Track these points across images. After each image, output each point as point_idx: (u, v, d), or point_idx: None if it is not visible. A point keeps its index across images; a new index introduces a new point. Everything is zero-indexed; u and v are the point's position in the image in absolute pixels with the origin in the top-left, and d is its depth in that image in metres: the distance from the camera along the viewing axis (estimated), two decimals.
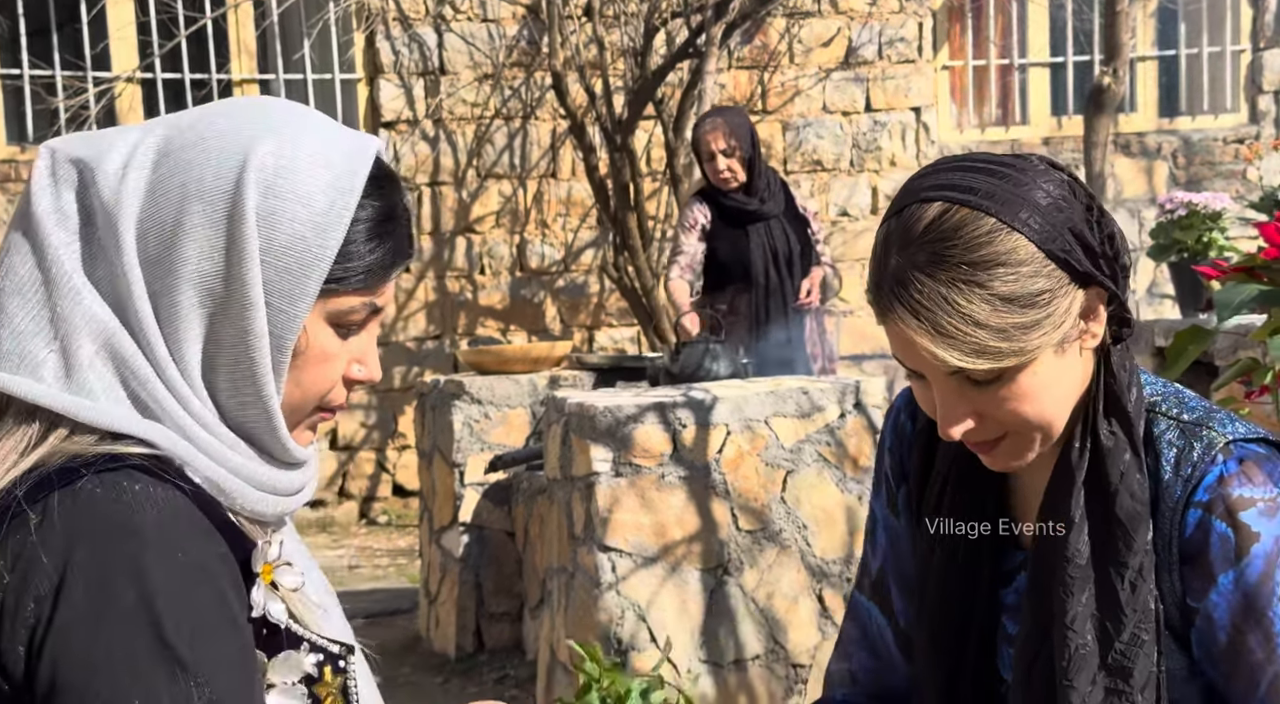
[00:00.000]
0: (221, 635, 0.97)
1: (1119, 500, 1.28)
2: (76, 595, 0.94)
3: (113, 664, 0.93)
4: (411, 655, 4.91)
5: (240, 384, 1.04)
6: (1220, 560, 1.25)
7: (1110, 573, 1.28)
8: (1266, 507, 1.25)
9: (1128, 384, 1.31)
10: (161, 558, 0.95)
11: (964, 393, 1.24)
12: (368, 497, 7.63)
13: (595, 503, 3.78)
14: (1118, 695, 1.26)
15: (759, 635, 3.82)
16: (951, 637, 1.38)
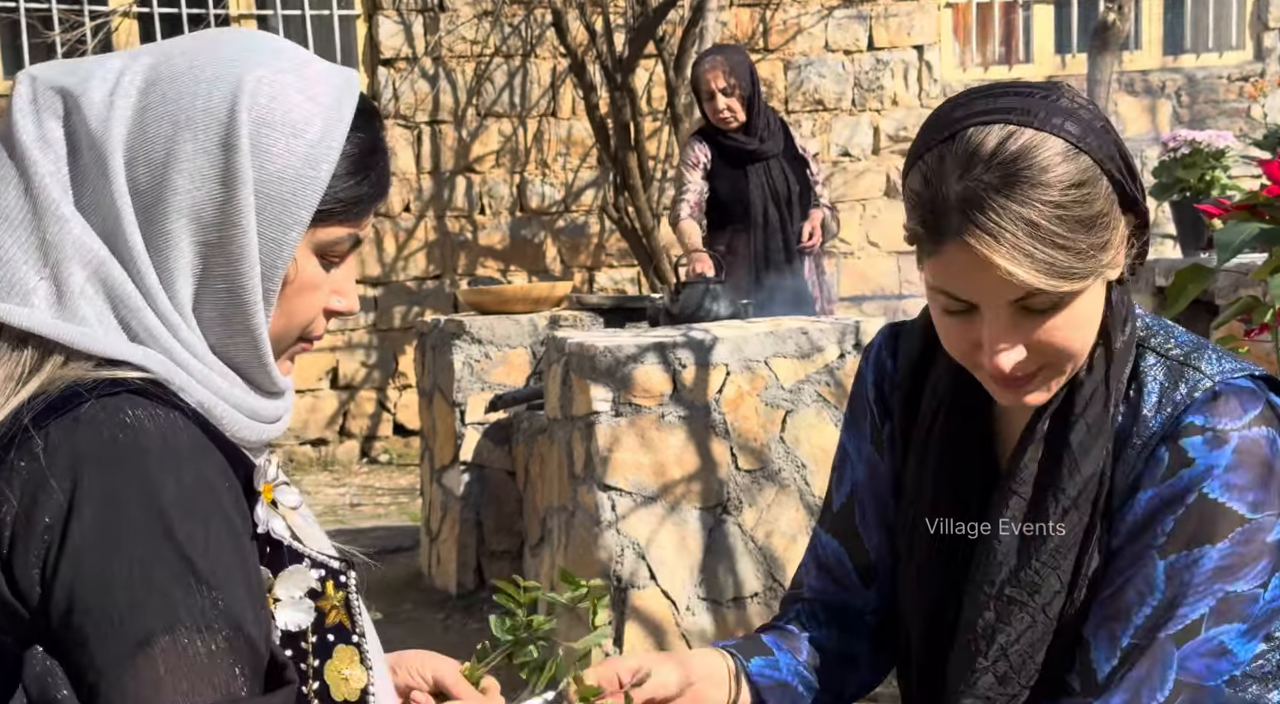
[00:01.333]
0: (230, 549, 0.99)
1: (1074, 430, 1.29)
2: (87, 517, 0.95)
3: (129, 579, 0.94)
4: (413, 592, 4.95)
5: (229, 313, 1.05)
6: (1147, 478, 1.27)
7: (1047, 497, 1.30)
8: (1214, 436, 1.25)
9: (1122, 320, 1.31)
10: (169, 475, 0.97)
11: (1018, 323, 1.23)
12: (369, 435, 7.65)
13: (595, 442, 3.80)
14: (1019, 606, 1.30)
15: (757, 573, 3.86)
16: (938, 571, 1.39)
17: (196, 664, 0.94)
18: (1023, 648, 1.30)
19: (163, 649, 0.94)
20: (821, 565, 1.51)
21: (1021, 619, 1.30)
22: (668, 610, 3.78)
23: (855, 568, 1.48)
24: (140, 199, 1.03)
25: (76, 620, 0.94)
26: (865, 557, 1.48)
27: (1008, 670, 1.30)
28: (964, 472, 1.38)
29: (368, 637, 1.10)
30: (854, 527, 1.48)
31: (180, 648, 0.94)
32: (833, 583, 1.50)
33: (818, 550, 1.51)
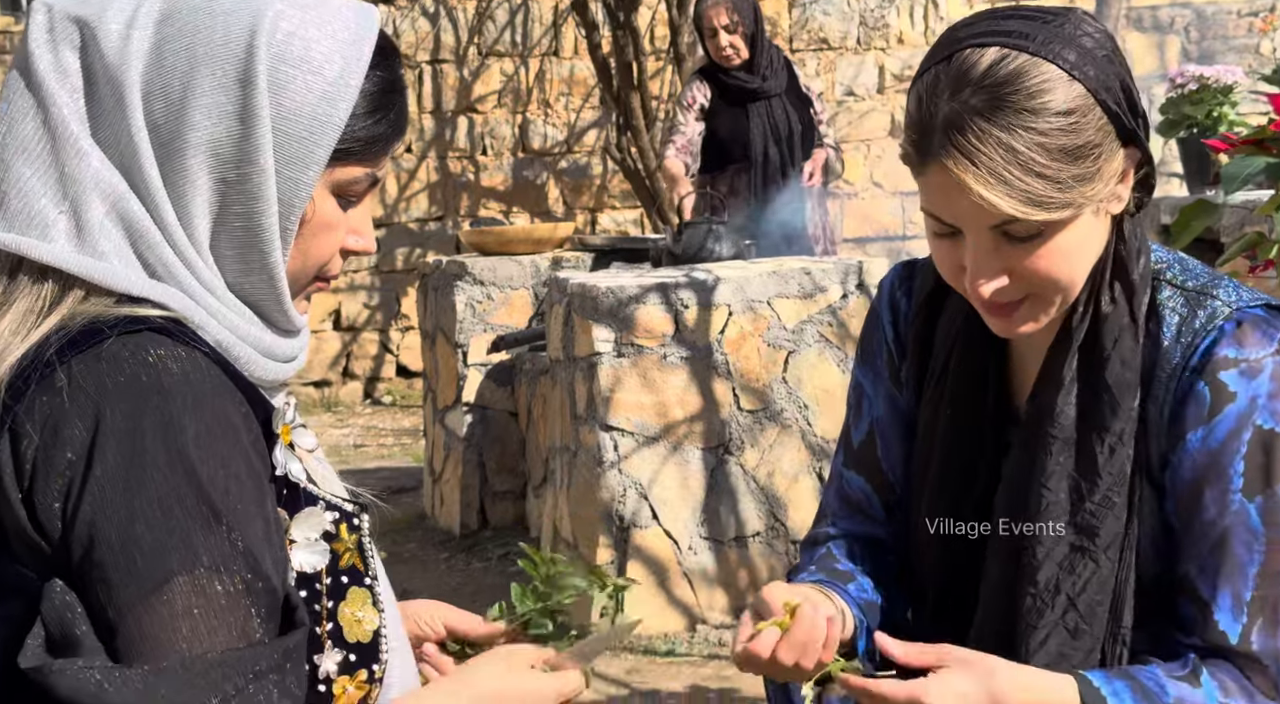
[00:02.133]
0: (251, 491, 0.99)
1: (1110, 366, 1.28)
2: (110, 454, 0.95)
3: (149, 519, 0.94)
4: (416, 532, 4.98)
5: (247, 251, 1.05)
6: (1193, 418, 1.27)
7: (1091, 436, 1.29)
8: (1248, 367, 1.26)
9: (1136, 252, 1.30)
10: (190, 415, 0.97)
11: (1000, 249, 1.23)
12: (372, 377, 7.67)
13: (597, 383, 3.80)
14: (1081, 552, 1.29)
15: (759, 513, 3.87)
16: (951, 504, 1.39)
17: (214, 605, 0.95)
18: (1090, 596, 1.28)
19: (181, 589, 0.94)
20: (849, 502, 1.49)
21: (1085, 566, 1.28)
22: (670, 550, 3.80)
23: (882, 503, 1.47)
24: (157, 134, 1.02)
25: (97, 558, 0.94)
26: (890, 492, 1.47)
27: (1078, 623, 1.28)
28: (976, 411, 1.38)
29: (379, 580, 1.10)
30: (876, 461, 1.47)
31: (198, 588, 0.94)
32: (862, 518, 1.48)
33: (844, 488, 1.49)
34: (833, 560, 1.45)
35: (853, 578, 1.41)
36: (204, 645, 0.93)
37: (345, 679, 1.05)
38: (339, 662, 1.05)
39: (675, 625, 3.77)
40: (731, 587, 3.84)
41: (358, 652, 1.06)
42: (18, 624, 0.96)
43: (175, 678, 0.92)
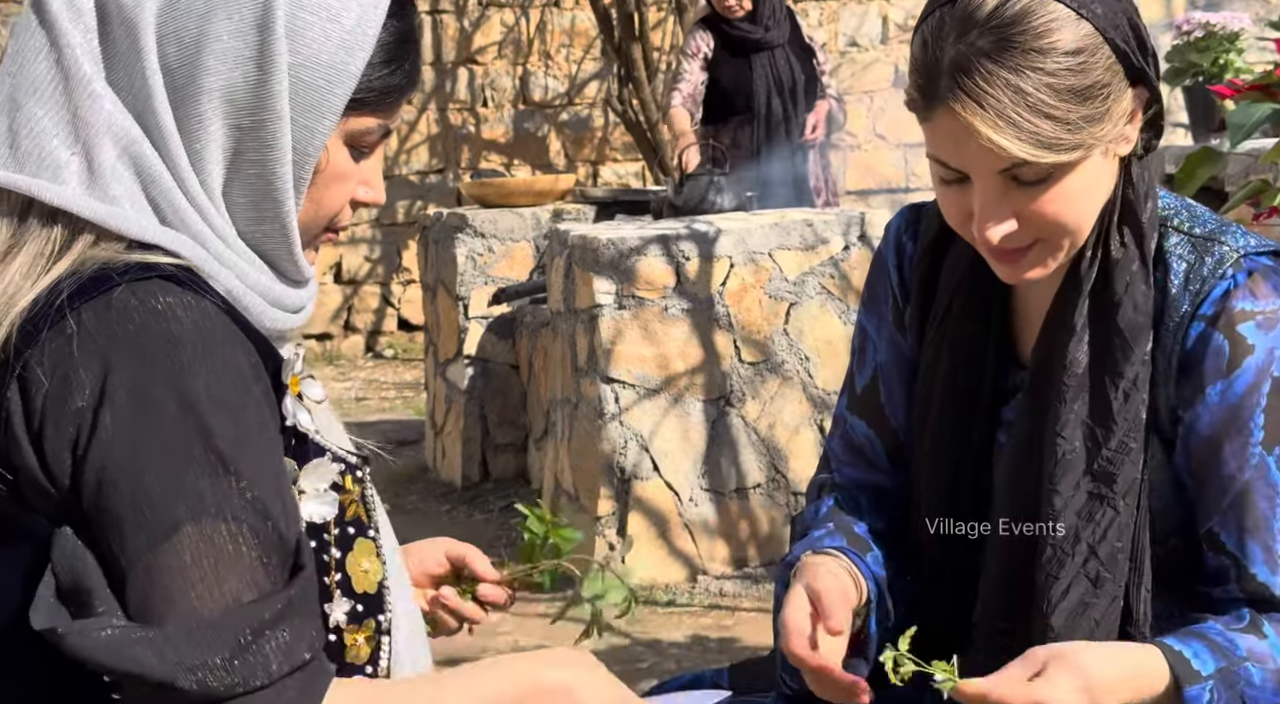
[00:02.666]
0: (260, 441, 0.99)
1: (1121, 311, 1.27)
2: (119, 403, 0.95)
3: (159, 468, 0.95)
4: (418, 484, 5.00)
5: (260, 200, 1.04)
6: (1212, 372, 1.26)
7: (1105, 382, 1.28)
8: (1265, 319, 1.25)
9: (1144, 195, 1.29)
10: (200, 365, 0.96)
11: (1008, 194, 1.21)
12: (373, 330, 7.66)
13: (598, 335, 3.79)
14: (1100, 500, 1.28)
15: (760, 464, 3.88)
16: (950, 453, 1.39)
17: (223, 554, 0.95)
18: (1111, 543, 1.27)
19: (190, 538, 0.94)
20: (853, 447, 1.48)
21: (1105, 513, 1.27)
22: (671, 501, 3.81)
23: (885, 449, 1.46)
24: (171, 78, 1.01)
25: (106, 506, 0.94)
26: (893, 438, 1.45)
27: (1100, 571, 1.27)
28: (979, 359, 1.37)
29: (382, 531, 1.10)
30: (879, 406, 1.46)
31: (207, 537, 0.94)
32: (866, 465, 1.47)
33: (848, 432, 1.48)
34: (845, 517, 1.42)
35: (870, 548, 1.38)
36: (213, 595, 0.94)
37: (354, 629, 1.06)
38: (347, 611, 1.06)
39: (676, 576, 3.79)
40: (732, 538, 3.85)
41: (364, 602, 1.07)
42: (27, 568, 0.97)
43: (185, 637, 0.93)
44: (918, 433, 1.42)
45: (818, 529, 1.40)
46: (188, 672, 0.92)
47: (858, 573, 1.34)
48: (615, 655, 3.23)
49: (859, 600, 1.31)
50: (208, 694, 0.92)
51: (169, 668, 0.91)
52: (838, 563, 1.33)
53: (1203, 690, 1.18)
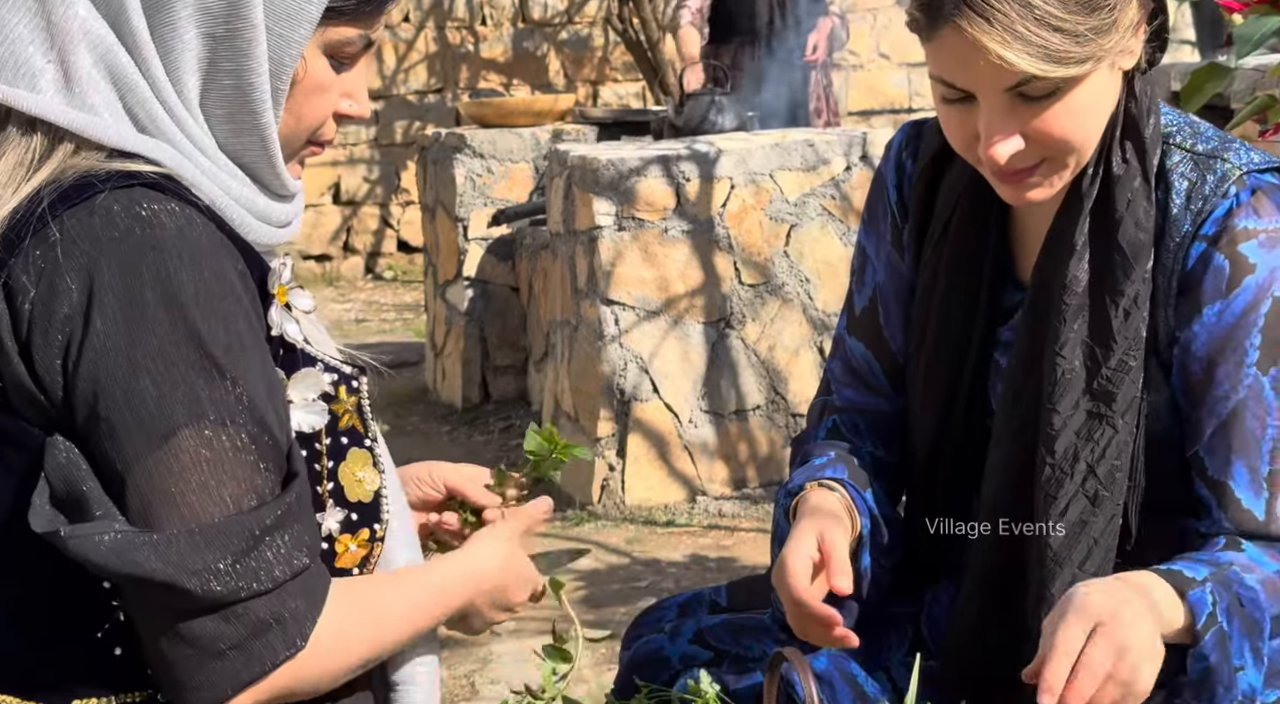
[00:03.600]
0: (252, 347, 0.99)
1: (1123, 228, 1.26)
2: (108, 310, 0.95)
3: (153, 373, 0.95)
4: (419, 406, 5.01)
5: (237, 111, 1.03)
6: (1211, 292, 1.25)
7: (1105, 301, 1.27)
8: (1268, 237, 1.24)
9: (1147, 111, 1.27)
10: (188, 271, 0.96)
11: (1014, 111, 1.20)
12: (373, 252, 7.64)
13: (598, 257, 3.78)
14: (1099, 419, 1.27)
15: (760, 386, 3.88)
16: (946, 372, 1.38)
17: (221, 458, 0.95)
18: (1109, 462, 1.26)
19: (188, 442, 0.95)
20: (851, 369, 1.47)
21: (1103, 432, 1.26)
22: (670, 423, 3.82)
23: (885, 371, 1.45)
24: None
25: (101, 414, 0.95)
26: (892, 360, 1.45)
27: (1099, 490, 1.27)
28: (976, 279, 1.36)
29: (379, 442, 1.11)
30: (878, 328, 1.45)
31: (204, 441, 0.95)
32: (865, 388, 1.46)
33: (846, 354, 1.47)
34: (846, 444, 1.42)
35: (869, 483, 1.38)
36: (214, 499, 0.94)
37: (347, 537, 1.06)
38: (340, 520, 1.06)
39: (675, 497, 3.81)
40: (731, 459, 3.87)
41: (359, 511, 1.07)
42: (21, 476, 0.97)
43: (187, 541, 0.94)
44: (914, 354, 1.41)
45: (819, 457, 1.40)
46: (191, 575, 0.93)
47: (854, 508, 1.34)
48: (615, 575, 3.26)
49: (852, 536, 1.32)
50: (211, 597, 0.94)
51: (172, 571, 0.92)
52: (838, 499, 1.33)
53: (1204, 592, 1.17)
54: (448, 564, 1.15)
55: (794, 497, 1.35)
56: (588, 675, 2.63)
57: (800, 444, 1.47)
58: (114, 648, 0.99)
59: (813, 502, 1.32)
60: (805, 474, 1.37)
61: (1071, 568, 1.27)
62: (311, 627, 0.98)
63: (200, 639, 0.94)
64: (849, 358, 1.47)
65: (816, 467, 1.38)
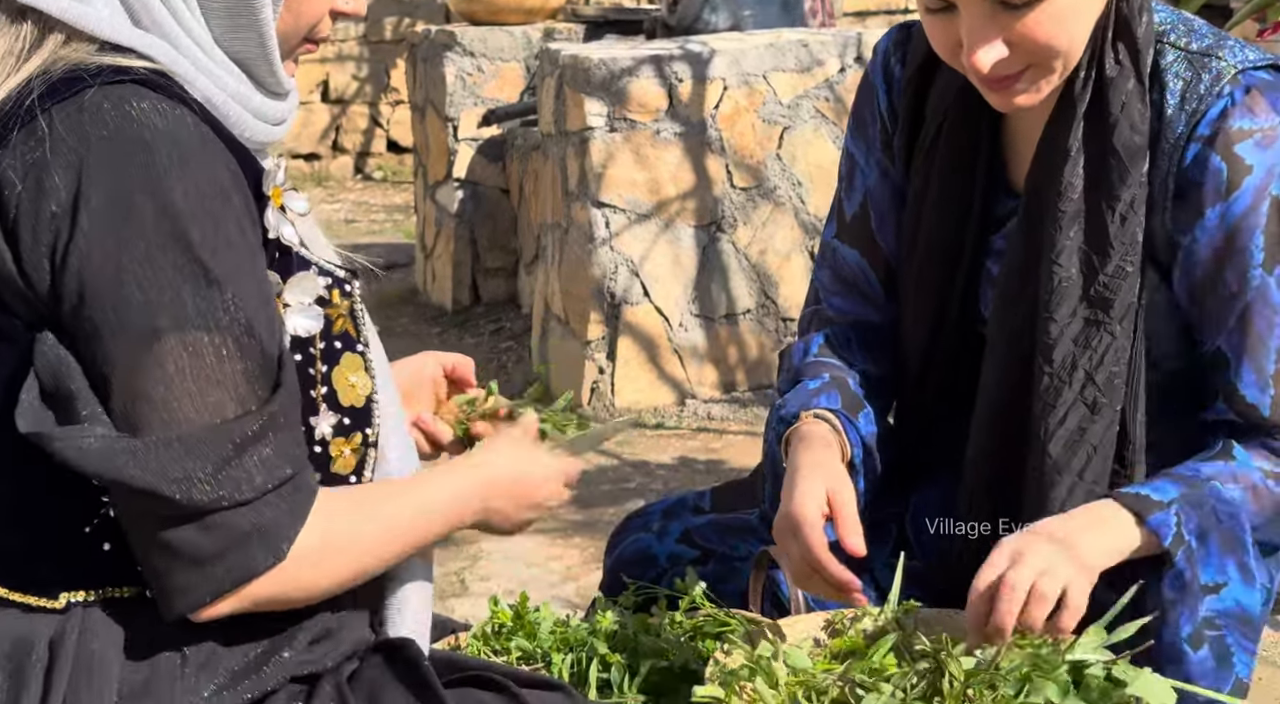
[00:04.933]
0: (242, 251, 0.98)
1: (1118, 131, 1.25)
2: (96, 209, 0.94)
3: (140, 276, 0.94)
4: (409, 307, 5.01)
5: (236, 7, 1.01)
6: (1210, 195, 1.24)
7: (1101, 206, 1.27)
8: (1264, 137, 1.23)
9: (1139, 9, 1.25)
10: (178, 172, 0.95)
11: (995, 18, 1.19)
12: (362, 151, 7.57)
13: (589, 158, 3.75)
14: (1096, 326, 1.27)
15: (750, 290, 3.88)
16: (938, 280, 1.38)
17: (206, 366, 0.95)
18: (1108, 369, 1.27)
19: (172, 348, 0.94)
20: (842, 278, 1.45)
21: (1101, 339, 1.27)
22: (661, 327, 3.83)
23: (879, 278, 1.44)
24: None
25: (87, 314, 0.94)
26: (886, 266, 1.44)
27: (1097, 397, 1.27)
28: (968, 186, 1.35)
29: (371, 347, 1.10)
30: (870, 233, 1.44)
31: (189, 347, 0.95)
32: (857, 297, 1.45)
33: (836, 263, 1.46)
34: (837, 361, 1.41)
35: (862, 406, 1.38)
36: (196, 406, 0.94)
37: (341, 441, 1.07)
38: (334, 424, 1.06)
39: (665, 400, 3.83)
40: (721, 363, 3.88)
41: (351, 415, 1.07)
42: (10, 370, 0.97)
43: (168, 449, 0.94)
44: (904, 262, 1.41)
45: (812, 379, 1.39)
46: (171, 483, 0.93)
47: (845, 440, 1.34)
48: (604, 476, 3.29)
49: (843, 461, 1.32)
50: (192, 505, 0.94)
51: (152, 478, 0.93)
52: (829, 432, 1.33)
53: (1167, 515, 1.19)
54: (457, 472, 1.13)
55: (788, 424, 1.35)
56: (576, 574, 2.66)
57: (789, 358, 1.47)
58: (102, 543, 1.00)
59: (808, 438, 1.31)
60: (799, 401, 1.36)
61: (1071, 476, 1.27)
62: (293, 538, 0.98)
63: (179, 547, 0.95)
64: (840, 266, 1.46)
65: (810, 391, 1.37)
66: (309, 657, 1.04)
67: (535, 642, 1.39)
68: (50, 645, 0.98)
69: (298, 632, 1.04)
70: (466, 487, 1.11)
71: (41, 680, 0.97)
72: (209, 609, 0.96)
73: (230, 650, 1.01)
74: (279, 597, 0.99)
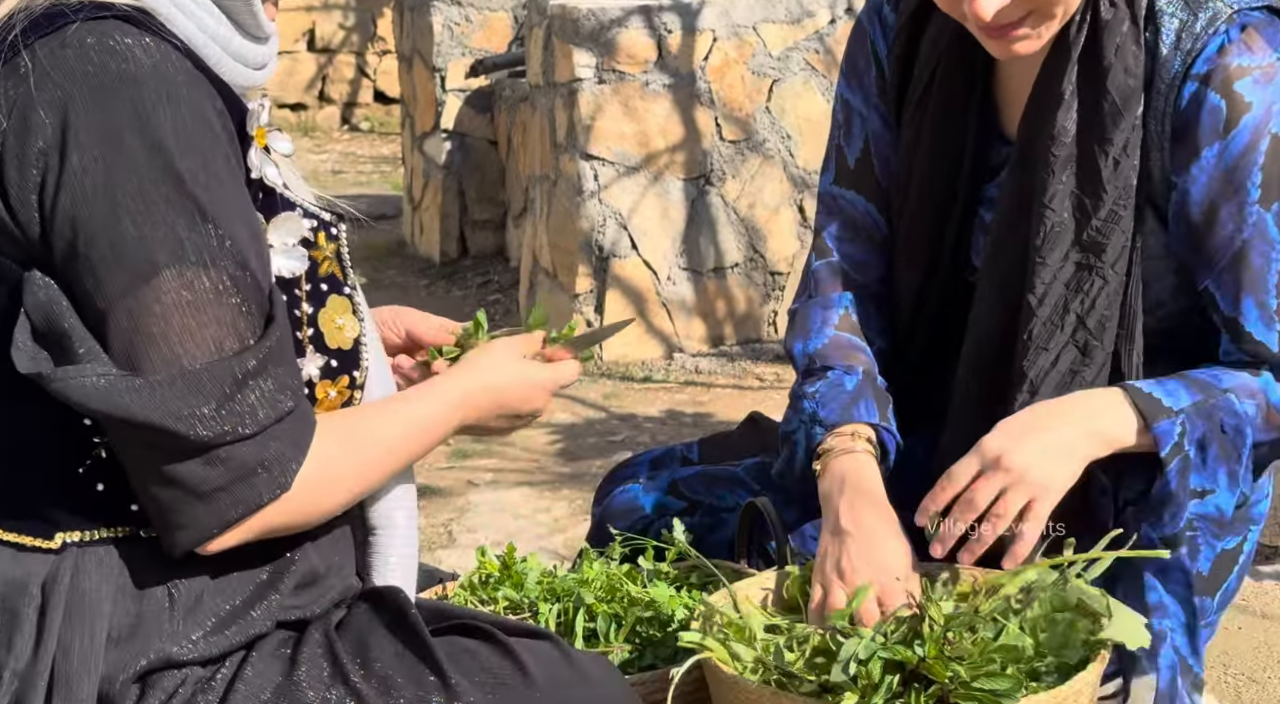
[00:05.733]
0: (232, 187, 0.98)
1: (1112, 75, 1.25)
2: (85, 147, 0.93)
3: (132, 212, 0.94)
4: (396, 259, 4.99)
5: None
6: (1208, 133, 1.24)
7: (1094, 150, 1.26)
8: (1262, 74, 1.22)
9: None
10: (165, 108, 0.95)
11: None
12: (349, 102, 7.52)
13: (578, 110, 3.73)
14: (1088, 270, 1.28)
15: (739, 244, 3.88)
16: (930, 229, 1.38)
17: (203, 300, 0.95)
18: (1099, 312, 1.27)
19: (169, 283, 0.94)
20: (852, 223, 1.43)
21: (1093, 283, 1.27)
22: (649, 280, 3.82)
23: (886, 222, 1.43)
24: None
25: (81, 251, 0.94)
26: (890, 208, 1.43)
27: (1089, 340, 1.27)
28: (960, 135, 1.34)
29: (358, 290, 1.10)
30: (874, 177, 1.42)
31: (186, 282, 0.94)
32: (866, 242, 1.43)
33: (844, 210, 1.44)
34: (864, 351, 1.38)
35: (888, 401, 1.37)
36: (196, 341, 0.94)
37: (327, 384, 1.07)
38: (320, 366, 1.06)
39: (653, 353, 3.83)
40: (709, 317, 3.88)
41: (339, 358, 1.07)
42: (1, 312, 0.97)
43: (172, 387, 0.94)
44: (897, 212, 1.41)
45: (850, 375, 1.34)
46: (178, 420, 0.93)
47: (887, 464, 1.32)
48: (591, 429, 3.29)
49: None
50: (198, 441, 0.94)
51: (158, 416, 0.93)
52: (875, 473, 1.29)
53: (1172, 425, 1.19)
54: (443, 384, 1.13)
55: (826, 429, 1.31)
56: (564, 526, 2.67)
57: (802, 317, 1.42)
58: (96, 484, 1.00)
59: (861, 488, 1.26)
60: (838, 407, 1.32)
61: None
62: (297, 469, 0.99)
63: (186, 482, 0.95)
64: (847, 212, 1.44)
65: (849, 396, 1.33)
66: (296, 602, 1.05)
67: (522, 592, 1.40)
68: (44, 586, 0.98)
69: (284, 576, 1.04)
70: (454, 395, 1.12)
71: (35, 621, 0.97)
72: (215, 542, 0.97)
73: (218, 594, 1.01)
74: (284, 525, 1.00)
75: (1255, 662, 2.05)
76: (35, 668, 0.96)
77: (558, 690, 1.03)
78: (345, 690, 1.00)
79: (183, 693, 0.99)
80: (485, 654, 1.04)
